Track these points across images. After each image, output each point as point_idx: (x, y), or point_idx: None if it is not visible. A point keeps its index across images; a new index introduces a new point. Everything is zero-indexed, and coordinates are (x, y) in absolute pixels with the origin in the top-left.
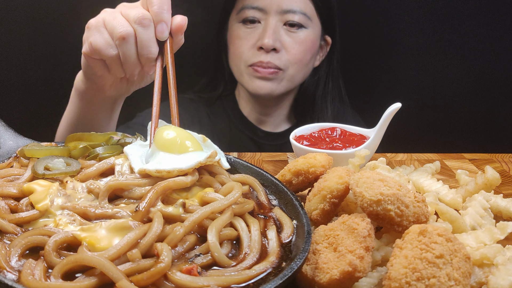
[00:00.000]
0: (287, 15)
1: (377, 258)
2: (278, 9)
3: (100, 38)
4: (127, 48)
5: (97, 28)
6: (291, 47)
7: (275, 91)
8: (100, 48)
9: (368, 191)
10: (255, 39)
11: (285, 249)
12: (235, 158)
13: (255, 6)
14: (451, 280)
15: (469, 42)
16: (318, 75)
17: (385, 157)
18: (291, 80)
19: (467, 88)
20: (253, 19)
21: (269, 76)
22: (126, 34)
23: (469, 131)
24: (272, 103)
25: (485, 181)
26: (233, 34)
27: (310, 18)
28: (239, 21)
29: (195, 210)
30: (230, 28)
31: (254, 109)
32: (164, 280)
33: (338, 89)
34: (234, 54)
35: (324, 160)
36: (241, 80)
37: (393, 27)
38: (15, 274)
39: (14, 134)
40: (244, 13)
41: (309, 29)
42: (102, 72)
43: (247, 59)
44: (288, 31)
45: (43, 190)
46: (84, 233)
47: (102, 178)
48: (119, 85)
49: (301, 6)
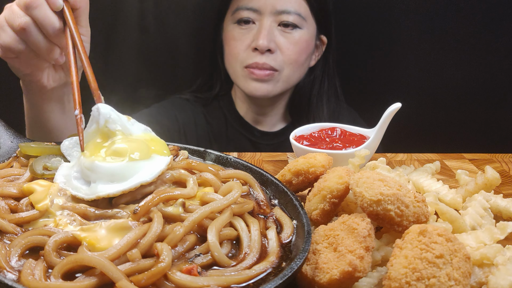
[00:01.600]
0: (282, 15)
1: (377, 258)
2: (272, 9)
3: (6, 37)
4: (32, 37)
5: (1, 28)
6: (286, 47)
7: (271, 92)
8: (10, 46)
9: (368, 191)
10: (250, 40)
11: (285, 249)
12: (235, 158)
13: (249, 7)
14: (451, 280)
15: (469, 42)
16: (313, 74)
17: (385, 157)
18: (287, 81)
19: (467, 88)
20: (247, 20)
21: (265, 78)
22: (24, 24)
23: (469, 131)
24: (268, 103)
25: (485, 181)
26: (228, 35)
27: (305, 19)
28: (234, 22)
29: (194, 210)
30: (225, 29)
31: (250, 109)
32: (164, 280)
33: (334, 88)
34: (230, 55)
35: (324, 160)
36: (237, 82)
37: (393, 27)
38: (15, 274)
39: (14, 134)
40: (238, 14)
41: (303, 30)
42: (27, 69)
43: (243, 60)
44: (283, 32)
45: (43, 190)
46: (84, 233)
47: None
48: (55, 74)
49: (295, 7)
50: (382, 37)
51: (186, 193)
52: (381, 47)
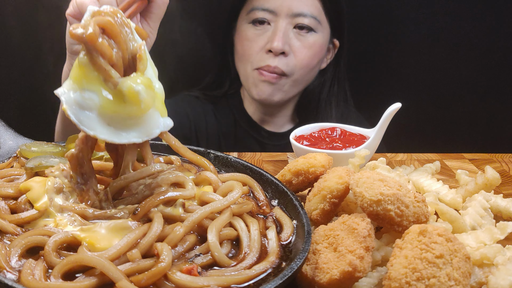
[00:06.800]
0: (298, 18)
1: (377, 258)
2: (288, 12)
3: None
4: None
5: None
6: (299, 51)
7: (275, 95)
8: (84, 3)
9: (368, 191)
10: (264, 41)
11: (285, 249)
12: (235, 158)
13: (265, 7)
14: (451, 280)
15: (470, 42)
16: (324, 77)
17: (385, 157)
18: (294, 85)
19: (467, 88)
20: (263, 20)
21: (272, 80)
22: None
23: (469, 131)
24: (277, 104)
25: (485, 181)
26: (241, 35)
27: (320, 22)
28: (248, 22)
29: (194, 210)
30: (239, 28)
31: (258, 109)
32: (164, 280)
33: (343, 92)
34: (243, 56)
35: (324, 160)
36: (245, 84)
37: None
38: (15, 274)
39: (14, 134)
40: (254, 14)
41: (318, 33)
42: None
43: (255, 63)
44: (298, 34)
45: (39, 185)
46: (84, 233)
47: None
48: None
49: (311, 10)
50: (382, 38)
51: (186, 194)
52: (380, 47)
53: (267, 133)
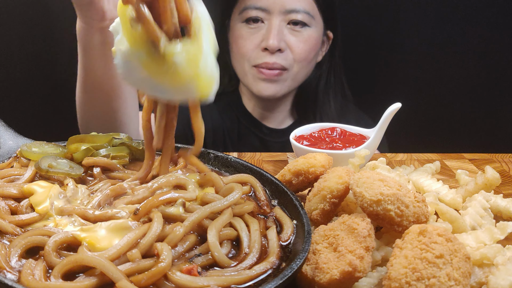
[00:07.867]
0: (291, 14)
1: (377, 258)
2: (281, 9)
3: None
4: None
5: None
6: (295, 46)
7: (279, 92)
8: None
9: (368, 191)
10: (259, 40)
11: (285, 249)
12: (235, 158)
13: (258, 6)
14: (451, 280)
15: (470, 42)
16: (320, 70)
17: (385, 157)
18: (295, 79)
19: (467, 88)
20: (256, 19)
21: (273, 78)
22: None
23: (469, 131)
24: (275, 100)
25: (485, 181)
26: (235, 34)
27: (313, 17)
28: (241, 21)
29: (195, 210)
30: (232, 27)
31: (257, 105)
32: (164, 280)
33: (340, 84)
34: (238, 54)
35: (324, 160)
36: (244, 81)
37: (393, 27)
38: (15, 274)
39: (14, 134)
40: (247, 13)
41: (312, 28)
42: None
43: (252, 60)
44: (292, 30)
45: (44, 191)
46: (84, 233)
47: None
48: None
49: (304, 5)
50: (382, 37)
51: (188, 196)
52: (380, 47)
53: (268, 129)
